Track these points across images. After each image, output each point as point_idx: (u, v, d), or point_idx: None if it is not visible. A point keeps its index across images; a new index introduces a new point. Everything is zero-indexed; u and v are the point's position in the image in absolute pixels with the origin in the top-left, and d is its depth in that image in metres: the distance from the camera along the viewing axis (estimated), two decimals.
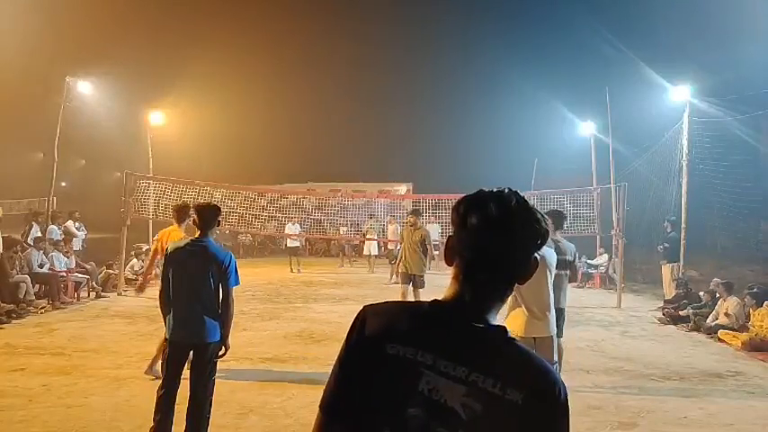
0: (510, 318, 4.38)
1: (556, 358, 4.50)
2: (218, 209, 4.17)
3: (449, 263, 1.21)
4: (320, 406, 1.20)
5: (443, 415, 1.06)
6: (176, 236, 5.62)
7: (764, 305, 8.12)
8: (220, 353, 4.04)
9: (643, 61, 15.53)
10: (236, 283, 4.06)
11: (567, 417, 1.09)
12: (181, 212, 5.84)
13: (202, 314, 3.93)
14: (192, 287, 3.95)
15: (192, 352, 4.02)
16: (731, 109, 12.46)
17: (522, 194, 1.17)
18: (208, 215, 4.05)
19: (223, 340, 4.03)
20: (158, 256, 5.97)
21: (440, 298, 1.18)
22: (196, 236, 4.05)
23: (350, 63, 36.30)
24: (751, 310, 8.31)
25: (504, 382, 1.06)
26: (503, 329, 1.14)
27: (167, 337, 4.04)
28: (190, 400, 3.92)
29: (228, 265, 3.99)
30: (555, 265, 4.58)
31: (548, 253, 4.45)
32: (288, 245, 17.06)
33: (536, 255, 1.17)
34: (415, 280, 8.66)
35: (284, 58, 34.71)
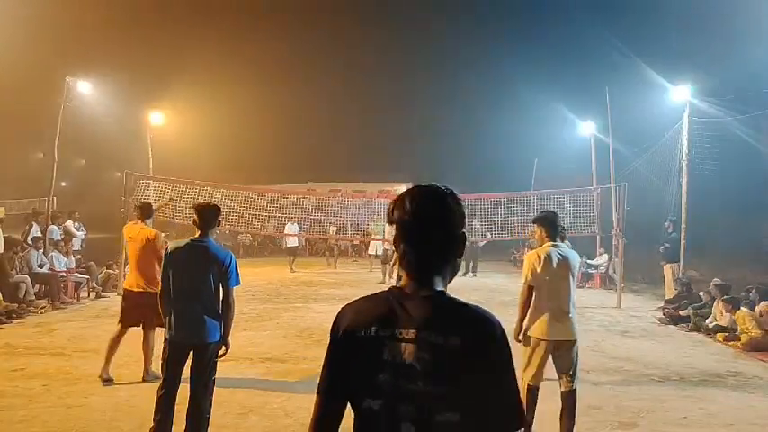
0: (531, 317, 4.26)
1: (578, 364, 4.30)
2: (219, 209, 4.16)
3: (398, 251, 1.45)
4: (317, 390, 1.46)
5: (404, 371, 1.31)
6: (131, 231, 5.86)
7: (741, 308, 8.15)
8: (220, 353, 4.04)
9: (643, 61, 15.54)
10: (237, 283, 4.06)
11: (503, 349, 1.33)
12: (145, 210, 5.96)
13: (203, 314, 3.93)
14: (192, 287, 3.95)
15: (192, 352, 4.02)
16: (731, 109, 12.46)
17: (437, 187, 1.43)
18: (208, 215, 4.04)
19: (223, 340, 4.03)
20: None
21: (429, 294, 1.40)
22: (196, 236, 4.05)
23: (351, 63, 36.35)
24: (731, 315, 8.31)
25: (444, 332, 1.30)
26: (443, 293, 1.40)
27: (167, 337, 4.04)
28: (190, 400, 3.92)
29: (229, 265, 3.99)
30: (577, 268, 4.46)
31: (571, 255, 4.36)
32: (287, 245, 17.09)
33: (462, 232, 1.43)
34: None
35: (285, 58, 34.71)
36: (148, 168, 15.42)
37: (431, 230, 1.39)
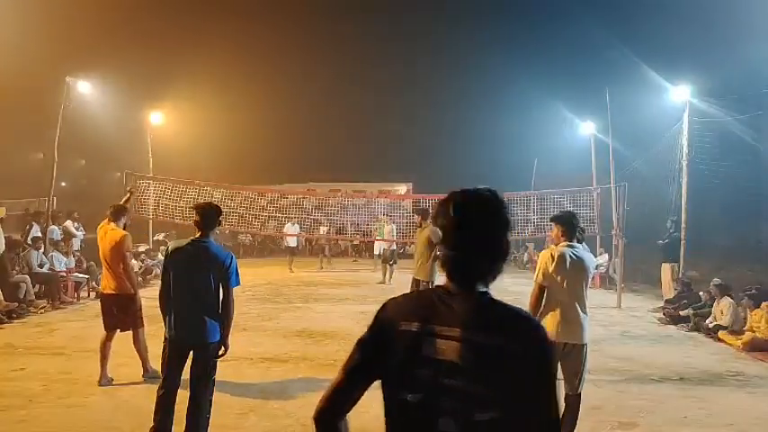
0: (540, 318, 4.15)
1: (586, 369, 4.22)
2: (220, 209, 4.16)
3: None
4: (342, 368, 1.52)
5: (445, 368, 1.33)
6: (100, 232, 5.84)
7: (762, 306, 8.11)
8: (220, 353, 4.04)
9: (643, 61, 15.51)
10: (237, 283, 4.06)
11: (546, 352, 1.37)
12: (115, 212, 5.94)
13: (203, 314, 3.93)
14: (192, 287, 3.95)
15: (192, 352, 4.02)
16: (731, 109, 12.45)
17: (480, 192, 1.46)
18: (209, 215, 4.04)
19: (223, 340, 4.03)
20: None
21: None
22: (197, 236, 4.05)
23: (350, 64, 36.31)
24: (749, 311, 8.31)
25: (488, 332, 1.33)
26: (486, 293, 1.43)
27: (167, 336, 4.05)
28: (190, 400, 3.92)
29: (230, 265, 3.99)
30: (591, 271, 4.34)
31: (586, 257, 4.27)
32: (288, 244, 17.08)
33: (506, 235, 1.45)
34: (419, 286, 7.96)
35: (285, 57, 34.69)
36: (148, 168, 15.43)
37: (473, 236, 1.42)
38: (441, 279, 1.51)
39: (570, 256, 4.16)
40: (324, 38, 36.59)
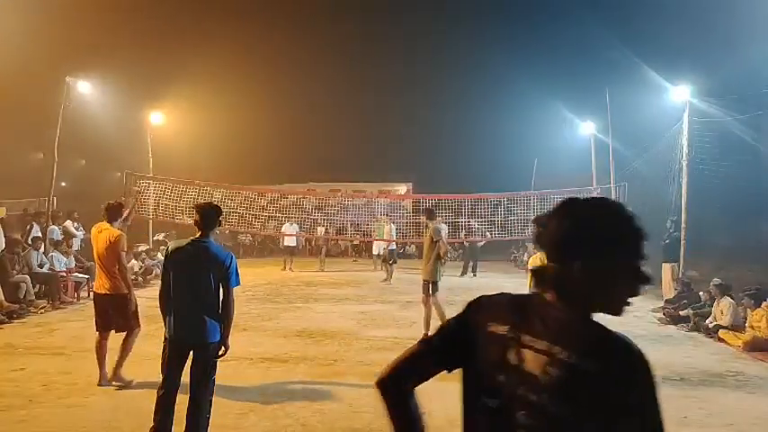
0: None
1: None
2: (219, 209, 4.17)
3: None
4: (421, 340, 1.50)
5: (527, 380, 1.26)
6: (95, 231, 5.91)
7: (763, 306, 8.11)
8: (220, 352, 4.04)
9: (643, 61, 15.51)
10: (237, 283, 4.06)
11: (648, 381, 1.23)
12: (110, 211, 5.96)
13: (203, 314, 3.94)
14: (192, 287, 3.95)
15: (192, 352, 4.02)
16: (731, 109, 12.45)
17: (578, 202, 1.37)
18: (209, 215, 4.05)
19: (223, 340, 4.03)
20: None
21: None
22: (197, 236, 4.05)
23: (350, 63, 36.29)
24: (749, 311, 8.31)
25: (579, 354, 1.23)
26: (586, 314, 1.34)
27: (167, 336, 4.05)
28: (190, 401, 3.92)
29: (230, 265, 4.00)
30: None
31: None
32: (285, 244, 17.01)
33: (605, 261, 1.31)
34: (425, 285, 7.93)
35: (285, 57, 34.69)
36: (148, 168, 15.43)
37: (563, 251, 1.32)
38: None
39: None
40: (324, 38, 36.58)
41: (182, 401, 4.02)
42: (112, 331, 5.87)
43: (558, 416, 1.23)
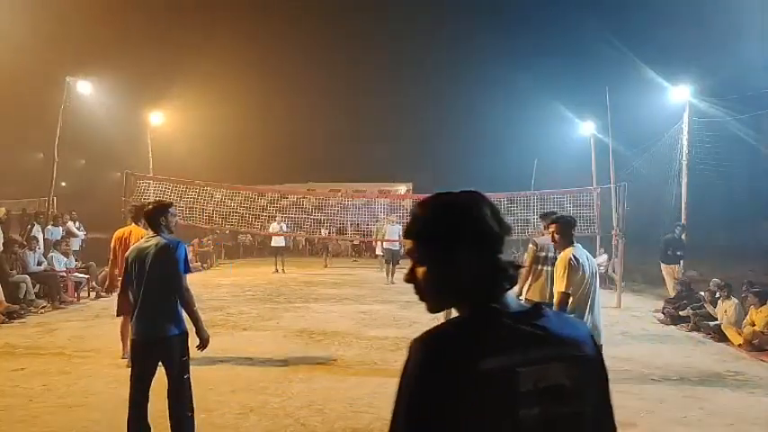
0: None
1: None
2: (164, 207, 4.14)
3: None
4: None
5: (552, 395, 1.11)
6: (138, 234, 5.79)
7: (767, 304, 8.10)
8: (197, 345, 3.96)
9: (643, 61, 15.52)
10: (187, 270, 3.99)
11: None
12: (137, 213, 6.12)
13: (161, 307, 3.86)
14: (148, 281, 3.89)
15: (160, 355, 3.88)
16: (731, 109, 12.47)
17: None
18: (152, 216, 4.07)
19: (198, 332, 3.94)
20: (119, 257, 6.02)
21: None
22: (149, 233, 4.10)
23: (350, 63, 36.31)
24: (752, 308, 8.29)
25: (575, 343, 1.18)
26: (539, 304, 1.23)
27: (133, 338, 3.99)
28: (169, 405, 3.81)
29: (176, 251, 3.92)
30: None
31: (591, 259, 4.24)
32: (273, 244, 16.78)
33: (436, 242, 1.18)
34: None
35: (285, 58, 34.70)
36: (148, 168, 15.43)
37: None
38: None
39: (587, 259, 4.18)
40: (324, 38, 36.59)
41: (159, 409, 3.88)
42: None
43: (585, 416, 1.15)
